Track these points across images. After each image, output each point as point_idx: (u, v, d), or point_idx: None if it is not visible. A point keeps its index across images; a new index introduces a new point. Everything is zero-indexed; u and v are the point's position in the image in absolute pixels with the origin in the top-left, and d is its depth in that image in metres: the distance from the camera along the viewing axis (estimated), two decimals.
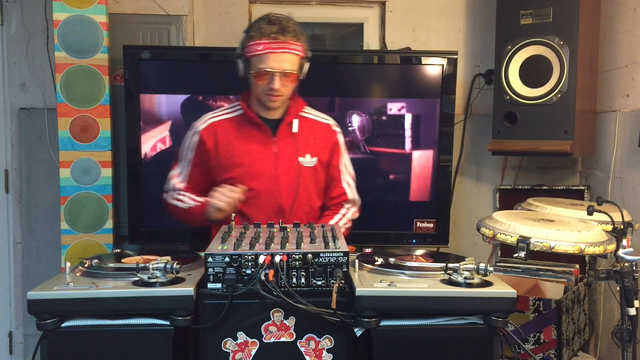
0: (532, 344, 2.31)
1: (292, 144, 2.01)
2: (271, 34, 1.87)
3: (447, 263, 1.52)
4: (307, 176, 2.02)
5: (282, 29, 1.88)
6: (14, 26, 2.88)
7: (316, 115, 2.13)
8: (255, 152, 2.00)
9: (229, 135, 2.01)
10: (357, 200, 2.16)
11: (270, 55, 1.87)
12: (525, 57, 2.66)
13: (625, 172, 2.60)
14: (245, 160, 1.99)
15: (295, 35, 1.90)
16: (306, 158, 2.02)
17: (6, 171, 2.94)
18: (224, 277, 1.43)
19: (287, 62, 1.88)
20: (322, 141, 2.07)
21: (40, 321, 1.39)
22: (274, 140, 2.01)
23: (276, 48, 1.86)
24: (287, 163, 2.00)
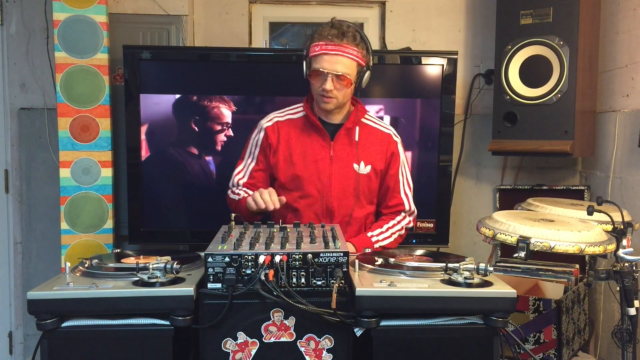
0: (532, 344, 2.31)
1: (349, 150, 2.06)
2: (329, 36, 1.92)
3: (447, 263, 1.51)
4: (361, 183, 2.05)
5: (341, 33, 1.93)
6: (14, 26, 2.88)
7: (377, 123, 2.15)
8: (312, 155, 2.05)
9: (290, 135, 2.07)
10: (414, 211, 2.19)
11: (325, 57, 1.92)
12: (525, 57, 2.66)
13: (625, 172, 2.60)
14: (301, 161, 2.04)
15: (354, 40, 1.94)
16: (360, 166, 2.06)
17: (6, 171, 2.94)
18: (224, 277, 1.43)
19: (340, 64, 1.92)
20: (379, 150, 2.10)
21: (40, 321, 1.39)
22: (331, 144, 2.05)
23: (331, 50, 1.92)
24: (341, 168, 2.05)
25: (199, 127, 2.71)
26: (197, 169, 2.73)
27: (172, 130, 2.72)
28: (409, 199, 2.15)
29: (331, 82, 1.92)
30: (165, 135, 2.71)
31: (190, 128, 2.71)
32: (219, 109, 2.70)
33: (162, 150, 2.71)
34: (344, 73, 1.92)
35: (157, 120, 2.70)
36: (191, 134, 2.71)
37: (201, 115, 2.70)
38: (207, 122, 2.70)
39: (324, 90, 1.94)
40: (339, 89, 1.95)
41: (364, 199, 2.09)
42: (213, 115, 2.70)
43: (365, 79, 2.00)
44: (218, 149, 2.72)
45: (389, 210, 2.15)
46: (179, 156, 2.73)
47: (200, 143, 2.72)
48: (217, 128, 2.71)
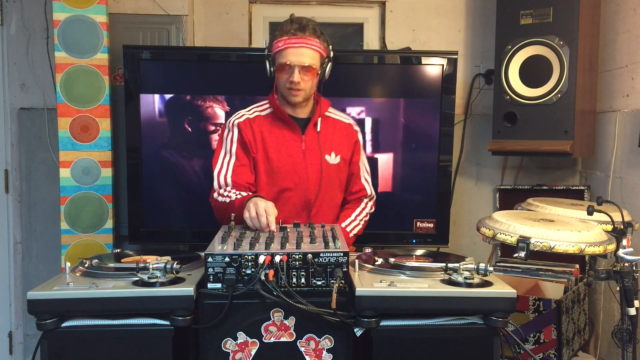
0: (532, 344, 2.31)
1: (318, 143, 2.09)
2: (291, 30, 1.99)
3: (447, 263, 1.52)
4: (331, 173, 2.11)
5: (301, 26, 1.99)
6: (14, 26, 2.88)
7: (339, 115, 2.22)
8: (286, 149, 2.08)
9: (263, 131, 2.08)
10: (374, 196, 2.28)
11: (290, 50, 1.97)
12: (525, 57, 2.66)
13: (625, 172, 2.60)
14: (276, 157, 2.07)
15: (314, 32, 2.01)
16: (331, 156, 2.11)
17: (6, 171, 2.94)
18: (224, 277, 1.43)
19: (306, 56, 1.97)
20: (344, 140, 2.16)
21: (40, 321, 1.39)
22: (302, 138, 2.09)
23: (295, 43, 1.97)
24: (314, 160, 2.08)
25: (198, 127, 2.71)
26: (197, 169, 2.73)
27: (172, 130, 2.71)
28: (369, 184, 2.24)
29: (298, 74, 1.97)
30: (165, 135, 2.71)
31: (190, 128, 2.71)
32: (217, 109, 2.70)
33: (162, 150, 2.71)
34: (310, 64, 1.97)
35: (157, 120, 2.69)
36: (191, 134, 2.71)
37: (200, 115, 2.70)
38: (206, 122, 2.70)
39: (292, 83, 1.98)
40: (306, 80, 1.99)
41: (336, 189, 2.14)
42: (212, 116, 2.70)
43: (328, 70, 2.06)
44: None
45: (352, 197, 2.22)
46: (179, 156, 2.72)
47: (200, 143, 2.72)
48: (216, 128, 2.71)
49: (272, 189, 2.06)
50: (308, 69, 1.98)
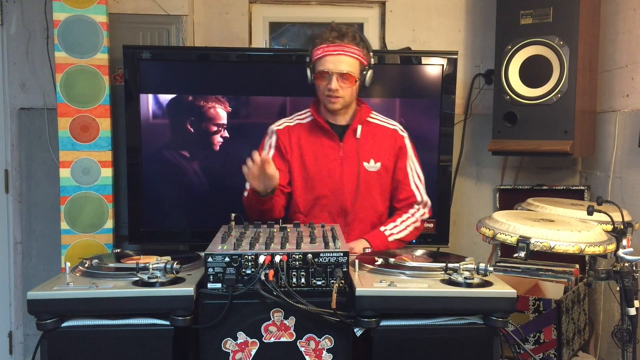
0: (532, 344, 2.31)
1: (357, 150, 2.08)
2: (330, 38, 1.98)
3: (447, 263, 1.51)
4: (370, 181, 2.08)
5: (341, 34, 1.98)
6: (14, 26, 2.88)
7: (383, 120, 2.18)
8: (323, 157, 2.08)
9: (300, 139, 2.10)
10: (427, 202, 2.19)
11: (328, 57, 1.97)
12: (525, 57, 2.66)
13: (625, 172, 2.60)
14: (313, 163, 2.07)
15: (353, 39, 1.99)
16: (370, 163, 2.09)
17: (6, 171, 2.94)
18: (224, 277, 1.43)
19: (344, 63, 1.97)
20: (386, 146, 2.12)
21: (40, 321, 1.39)
22: (340, 145, 2.08)
23: (333, 50, 1.97)
24: (352, 168, 2.07)
25: (199, 127, 2.71)
26: (196, 169, 2.73)
27: (172, 130, 2.72)
28: (420, 191, 2.16)
29: (336, 81, 1.96)
30: (165, 135, 2.71)
31: (189, 128, 2.71)
32: (218, 109, 2.70)
33: (162, 150, 2.71)
34: (348, 72, 1.97)
35: (157, 120, 2.70)
36: (191, 134, 2.71)
37: (201, 115, 2.70)
38: (206, 122, 2.70)
39: (330, 90, 1.98)
40: (345, 87, 1.99)
41: (377, 196, 2.11)
42: (211, 115, 2.70)
43: (368, 77, 2.05)
44: (217, 149, 2.72)
45: (401, 204, 2.15)
46: (179, 156, 2.72)
47: (200, 143, 2.72)
48: (215, 128, 2.71)
49: (308, 196, 2.08)
50: (346, 77, 1.97)
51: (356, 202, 2.06)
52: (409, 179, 2.15)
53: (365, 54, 2.02)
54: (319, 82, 2.01)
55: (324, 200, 2.07)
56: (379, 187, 2.11)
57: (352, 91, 2.03)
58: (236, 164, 2.50)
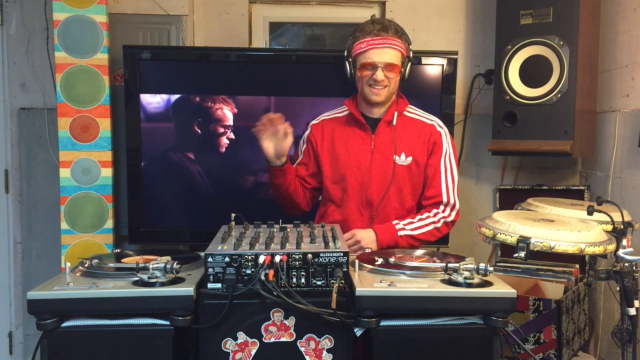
0: (532, 344, 2.31)
1: (388, 142, 2.09)
2: (373, 31, 2.03)
3: (447, 263, 1.51)
4: (400, 174, 2.08)
5: (384, 27, 2.04)
6: (14, 26, 2.88)
7: (420, 115, 2.19)
8: (354, 148, 2.11)
9: (334, 131, 2.16)
10: (456, 205, 2.12)
11: (374, 50, 2.02)
12: (525, 57, 2.66)
13: (625, 172, 2.60)
14: (343, 155, 2.11)
15: (396, 32, 2.05)
16: (401, 157, 2.09)
17: (6, 171, 2.94)
18: (224, 277, 1.43)
19: (389, 54, 2.02)
20: (420, 141, 2.11)
21: (40, 321, 1.39)
22: (372, 137, 2.10)
23: (378, 44, 2.02)
24: (382, 160, 2.09)
25: (199, 127, 2.71)
26: (196, 169, 2.73)
27: (172, 130, 2.72)
28: (449, 191, 2.09)
29: (382, 72, 2.00)
30: (165, 135, 2.71)
31: (189, 128, 2.71)
32: (218, 110, 2.70)
33: (162, 150, 2.71)
34: (393, 63, 2.02)
35: (157, 120, 2.70)
36: (191, 134, 2.71)
37: (200, 115, 2.70)
38: (206, 122, 2.70)
39: (376, 82, 2.01)
40: (391, 77, 2.03)
41: (406, 191, 2.10)
42: (212, 116, 2.70)
43: (408, 69, 2.10)
44: (217, 149, 2.72)
45: (427, 202, 2.11)
46: (178, 156, 2.72)
47: (200, 143, 2.72)
48: (217, 128, 2.71)
49: (336, 186, 2.12)
50: (392, 67, 2.02)
51: (384, 195, 2.06)
52: (440, 176, 2.10)
53: (406, 47, 2.08)
54: (362, 74, 2.04)
55: (351, 192, 2.09)
56: (408, 183, 2.09)
57: (396, 82, 2.07)
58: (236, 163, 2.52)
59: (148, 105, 2.67)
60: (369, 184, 2.08)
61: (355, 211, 2.08)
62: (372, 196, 2.08)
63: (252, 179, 2.74)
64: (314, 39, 3.25)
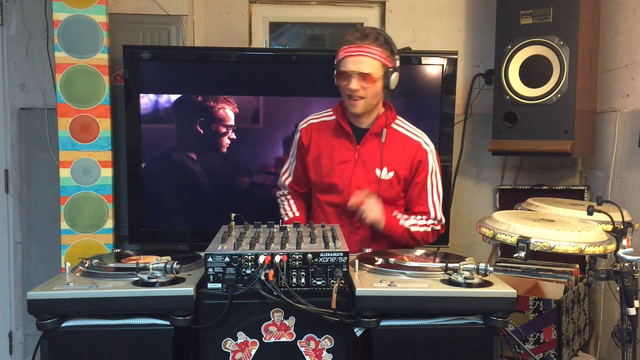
0: (532, 344, 2.31)
1: (373, 155, 2.07)
2: (351, 39, 1.99)
3: (447, 263, 1.51)
4: (379, 188, 2.05)
5: (363, 35, 1.99)
6: (14, 26, 2.88)
7: (408, 129, 2.14)
8: (338, 157, 2.09)
9: (321, 136, 2.13)
10: (442, 220, 2.16)
11: (349, 59, 1.97)
12: (525, 57, 2.66)
13: (625, 172, 2.60)
14: (327, 162, 2.09)
15: (376, 40, 1.98)
16: (383, 171, 2.06)
17: (6, 171, 2.94)
18: (224, 277, 1.43)
19: (363, 64, 1.96)
20: (405, 157, 2.08)
21: (40, 321, 1.39)
22: (357, 148, 2.08)
23: (354, 51, 1.97)
24: (363, 172, 2.07)
25: (199, 127, 2.71)
26: (196, 169, 2.73)
27: (172, 130, 2.72)
28: (436, 208, 2.12)
29: (356, 81, 1.96)
30: (165, 135, 2.71)
31: (190, 128, 2.71)
32: (220, 109, 2.70)
33: (162, 150, 2.71)
34: (369, 72, 1.96)
35: (157, 120, 2.69)
36: (191, 134, 2.71)
37: (200, 115, 2.70)
38: (206, 122, 2.70)
39: (350, 91, 1.98)
40: (365, 88, 1.97)
41: (386, 205, 2.06)
42: (213, 116, 2.70)
43: (393, 80, 2.03)
44: (218, 149, 2.71)
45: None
46: (178, 156, 2.72)
47: (201, 143, 2.72)
48: (219, 128, 2.71)
49: (320, 191, 2.12)
50: (366, 77, 1.95)
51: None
52: (427, 194, 2.11)
53: (388, 55, 2.00)
54: (340, 82, 2.02)
55: (333, 199, 2.08)
56: (387, 197, 2.07)
57: (375, 93, 2.00)
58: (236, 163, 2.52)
59: (148, 105, 2.67)
60: (348, 195, 2.03)
61: (337, 218, 2.07)
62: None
63: (252, 179, 2.74)
64: (314, 39, 3.25)
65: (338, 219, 2.07)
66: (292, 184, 2.23)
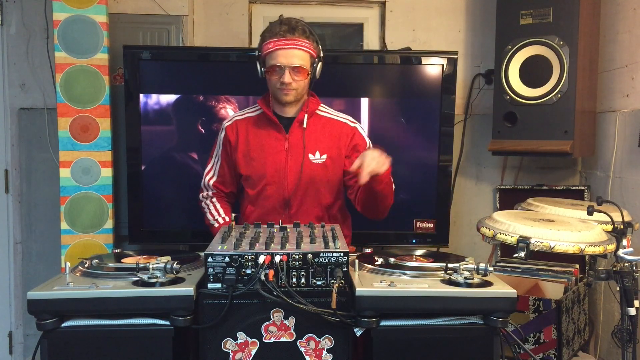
0: (532, 344, 2.31)
1: (302, 141, 2.08)
2: (280, 32, 1.98)
3: (447, 263, 1.52)
4: (315, 173, 2.07)
5: (291, 28, 1.99)
6: (14, 26, 2.88)
7: (332, 113, 2.18)
8: (268, 148, 2.09)
9: (248, 132, 2.13)
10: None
11: (280, 52, 1.97)
12: (525, 57, 2.66)
13: (625, 172, 2.60)
14: (258, 155, 2.09)
15: (304, 33, 2.00)
16: (315, 155, 2.08)
17: (6, 171, 2.94)
18: (224, 277, 1.43)
19: (296, 57, 1.98)
20: (334, 139, 2.11)
21: (40, 321, 1.39)
22: (286, 137, 2.08)
23: (285, 44, 1.97)
24: (296, 159, 2.07)
25: (199, 127, 2.71)
26: (196, 169, 2.72)
27: (172, 130, 2.72)
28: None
29: (289, 75, 1.97)
30: (165, 135, 2.71)
31: (189, 128, 2.71)
32: (219, 109, 2.70)
33: (162, 150, 2.71)
34: (300, 65, 1.98)
35: (157, 120, 2.69)
36: (190, 134, 2.71)
37: (201, 115, 2.70)
38: (206, 121, 2.70)
39: (283, 84, 1.99)
40: (298, 80, 1.99)
41: (323, 189, 2.09)
42: (212, 115, 2.70)
43: (318, 70, 2.05)
44: None
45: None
46: (178, 156, 2.72)
47: (201, 142, 2.72)
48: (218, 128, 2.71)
49: (252, 187, 2.10)
50: (299, 70, 1.98)
51: (297, 193, 2.06)
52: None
53: (315, 47, 2.03)
54: (270, 76, 2.01)
55: (267, 191, 2.07)
56: (325, 180, 2.09)
57: (305, 84, 2.04)
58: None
59: (148, 105, 2.67)
60: (285, 184, 2.05)
61: (271, 211, 2.06)
62: (289, 196, 2.06)
63: None
64: None
65: (275, 213, 2.05)
66: (217, 184, 2.19)
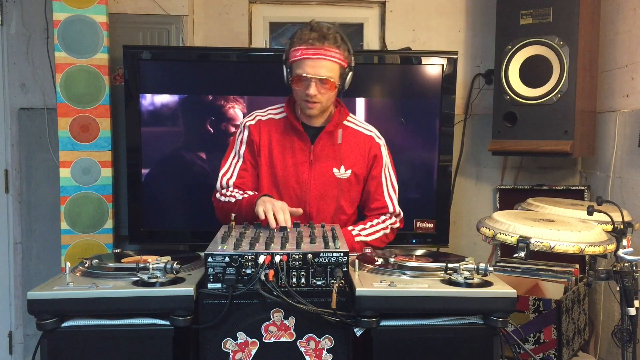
0: (532, 344, 2.31)
1: (329, 154, 2.01)
2: (309, 40, 1.86)
3: (447, 263, 1.51)
4: (339, 188, 2.01)
5: (321, 36, 1.87)
6: (14, 26, 2.88)
7: (359, 125, 2.10)
8: (292, 158, 2.01)
9: (272, 136, 2.03)
10: (400, 213, 2.12)
11: (307, 61, 1.86)
12: (525, 57, 2.66)
13: (625, 172, 2.60)
14: (280, 164, 2.01)
15: (335, 42, 1.88)
16: (340, 170, 2.02)
17: (6, 171, 2.94)
18: (224, 277, 1.43)
19: (323, 68, 1.87)
20: (360, 153, 2.04)
21: (40, 321, 1.39)
22: (311, 147, 2.01)
23: (313, 54, 1.86)
24: (320, 172, 2.01)
25: (199, 127, 2.71)
26: (196, 169, 2.73)
27: (172, 130, 2.72)
28: (393, 201, 2.09)
29: (315, 87, 1.87)
30: (165, 135, 2.71)
31: (190, 127, 2.72)
32: (218, 109, 2.70)
33: (162, 150, 2.71)
34: (328, 77, 1.87)
35: (157, 120, 2.69)
36: (191, 134, 2.71)
37: (201, 115, 2.70)
38: (206, 122, 2.70)
39: (308, 96, 1.89)
40: (323, 93, 1.90)
41: (344, 204, 2.04)
42: (212, 115, 2.70)
43: (348, 80, 1.95)
44: (217, 149, 2.71)
45: (372, 213, 2.09)
46: (178, 156, 2.73)
47: (200, 142, 2.72)
48: (219, 127, 2.71)
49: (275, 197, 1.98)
50: (326, 82, 1.87)
51: (319, 207, 2.00)
52: (382, 189, 2.08)
53: (346, 56, 1.92)
54: (296, 86, 1.91)
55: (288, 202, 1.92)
56: (347, 195, 2.04)
57: (330, 96, 1.93)
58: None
59: (148, 105, 2.67)
60: (306, 197, 1.98)
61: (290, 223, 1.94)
62: (311, 209, 2.00)
63: None
64: None
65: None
66: (238, 184, 2.04)
